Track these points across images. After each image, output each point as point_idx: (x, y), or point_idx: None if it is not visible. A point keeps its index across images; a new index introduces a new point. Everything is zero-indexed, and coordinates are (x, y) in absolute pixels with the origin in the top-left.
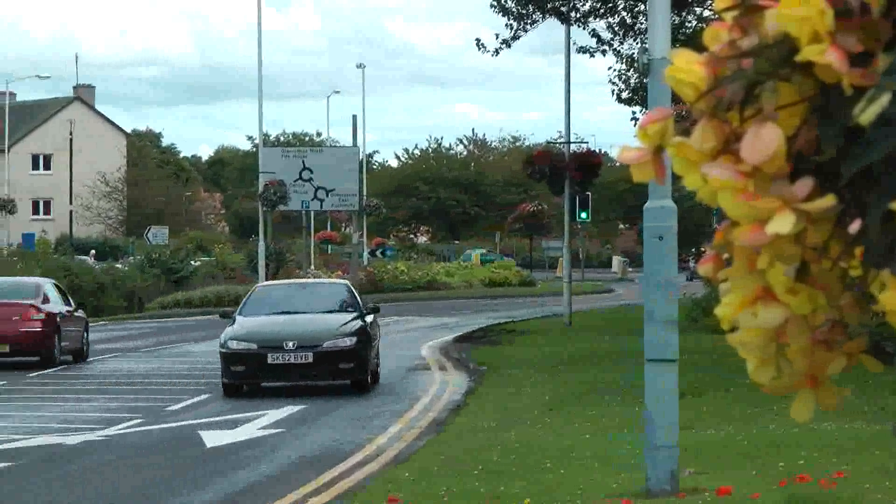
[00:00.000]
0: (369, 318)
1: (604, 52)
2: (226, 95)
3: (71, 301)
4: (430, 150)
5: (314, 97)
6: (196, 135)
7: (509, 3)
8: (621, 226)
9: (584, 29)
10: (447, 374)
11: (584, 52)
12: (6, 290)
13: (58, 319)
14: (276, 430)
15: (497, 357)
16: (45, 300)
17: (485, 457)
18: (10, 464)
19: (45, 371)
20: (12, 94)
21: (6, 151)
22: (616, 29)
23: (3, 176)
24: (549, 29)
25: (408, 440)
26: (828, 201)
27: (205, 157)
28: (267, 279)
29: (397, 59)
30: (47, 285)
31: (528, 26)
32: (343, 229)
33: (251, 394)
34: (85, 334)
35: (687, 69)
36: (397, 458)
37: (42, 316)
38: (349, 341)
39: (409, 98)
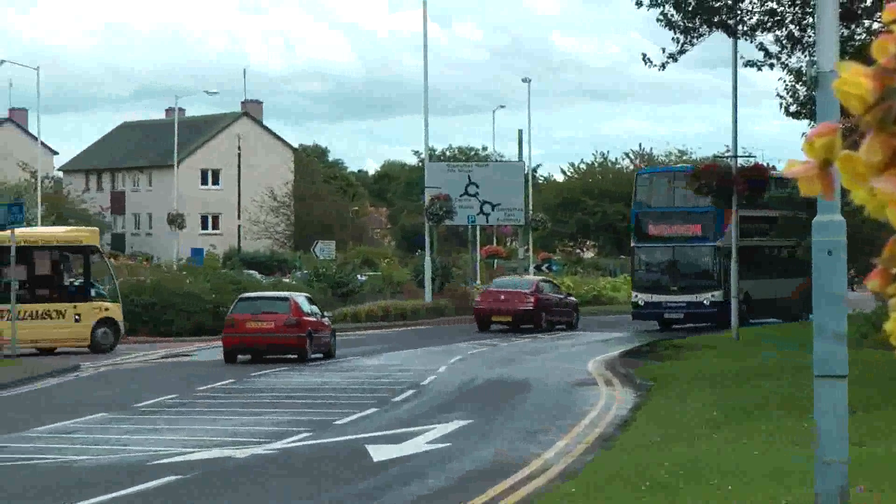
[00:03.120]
0: None
1: (771, 66)
2: (391, 110)
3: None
4: (596, 164)
5: (479, 111)
6: (362, 150)
7: (676, 17)
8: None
9: (751, 42)
10: (614, 389)
11: (752, 66)
12: (513, 283)
13: (541, 303)
14: (443, 445)
15: (664, 372)
16: (538, 290)
17: (652, 472)
18: (178, 476)
19: (215, 385)
20: (181, 110)
21: (175, 167)
22: (784, 42)
23: (172, 191)
24: (716, 42)
25: (575, 455)
26: None
27: (371, 172)
28: (433, 293)
29: (562, 72)
30: (543, 283)
31: (695, 40)
32: (508, 244)
33: (418, 408)
34: (575, 313)
35: (854, 82)
36: (564, 472)
37: (532, 300)
38: None
39: (575, 112)
